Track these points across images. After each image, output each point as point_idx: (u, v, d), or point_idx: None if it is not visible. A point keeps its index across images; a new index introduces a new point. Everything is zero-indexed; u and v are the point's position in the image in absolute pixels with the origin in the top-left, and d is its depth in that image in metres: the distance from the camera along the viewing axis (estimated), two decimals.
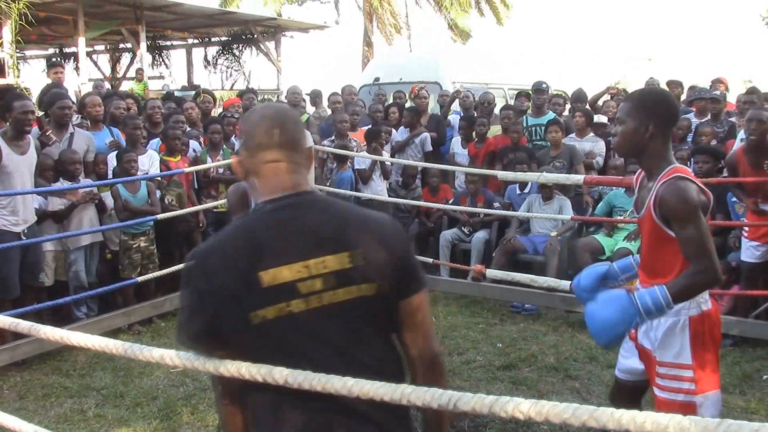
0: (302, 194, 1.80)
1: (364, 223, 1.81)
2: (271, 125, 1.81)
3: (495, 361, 5.13)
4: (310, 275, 1.69)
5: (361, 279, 1.72)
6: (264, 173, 1.81)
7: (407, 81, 10.20)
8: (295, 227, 1.74)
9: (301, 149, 1.84)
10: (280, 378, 1.53)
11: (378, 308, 1.77)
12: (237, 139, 7.52)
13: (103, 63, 19.34)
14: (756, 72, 23.59)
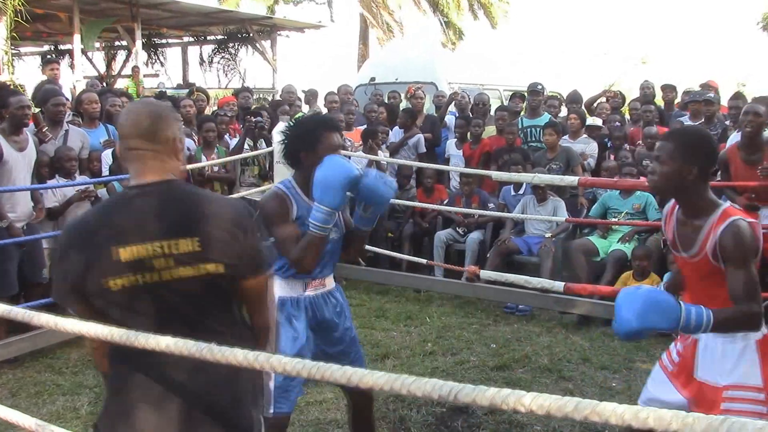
0: (162, 182, 2.04)
1: (214, 211, 2.05)
2: (135, 117, 2.06)
3: (489, 361, 5.13)
4: (163, 254, 1.95)
5: (208, 260, 1.98)
6: (129, 159, 2.06)
7: (403, 81, 10.20)
8: (151, 211, 1.99)
9: (162, 140, 2.05)
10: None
11: (222, 284, 2.05)
12: (231, 137, 7.51)
13: (98, 60, 19.29)
14: (751, 75, 23.62)
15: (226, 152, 7.09)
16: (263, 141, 7.27)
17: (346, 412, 4.22)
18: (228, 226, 2.03)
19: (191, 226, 1.99)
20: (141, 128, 2.04)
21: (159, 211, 2.00)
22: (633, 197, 6.59)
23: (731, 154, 5.45)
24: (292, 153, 3.10)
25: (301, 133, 3.08)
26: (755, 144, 5.26)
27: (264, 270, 2.15)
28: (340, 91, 9.29)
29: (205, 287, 2.02)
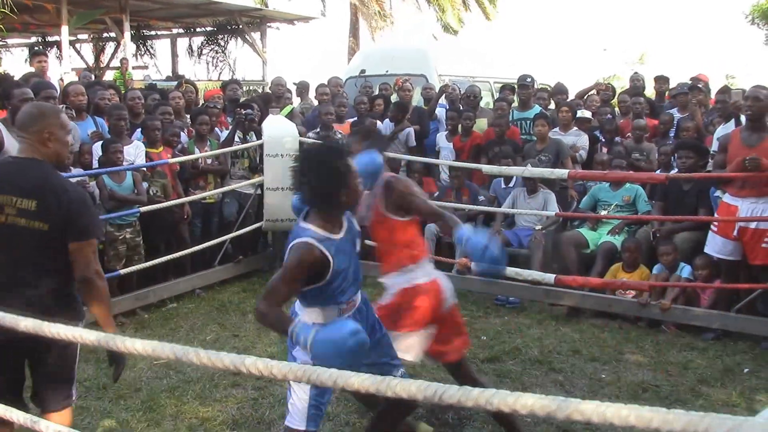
0: (26, 159, 2.95)
1: (55, 187, 2.90)
2: (21, 115, 3.05)
3: (479, 353, 5.15)
4: (10, 204, 2.86)
5: (38, 218, 2.86)
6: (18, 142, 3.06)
7: (393, 73, 10.17)
8: (12, 175, 2.92)
9: (31, 132, 2.94)
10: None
11: (50, 240, 2.89)
12: (220, 130, 7.48)
13: (86, 52, 19.19)
14: (740, 68, 23.74)
15: (217, 145, 7.07)
16: (253, 133, 7.25)
17: (336, 405, 4.24)
18: (62, 199, 2.87)
19: (34, 192, 2.87)
20: (20, 123, 3.03)
21: (17, 177, 2.91)
22: (623, 189, 6.61)
23: (734, 134, 5.49)
24: (325, 194, 2.86)
25: (332, 172, 2.83)
26: (756, 128, 5.31)
27: (83, 239, 2.93)
28: (330, 83, 9.26)
29: (35, 237, 2.87)
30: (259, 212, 7.17)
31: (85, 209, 2.96)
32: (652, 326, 5.78)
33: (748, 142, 5.30)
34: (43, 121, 2.94)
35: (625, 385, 4.64)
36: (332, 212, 2.94)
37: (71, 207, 2.88)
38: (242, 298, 6.59)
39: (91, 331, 1.72)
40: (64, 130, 3.01)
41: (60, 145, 2.98)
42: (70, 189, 2.96)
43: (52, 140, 2.94)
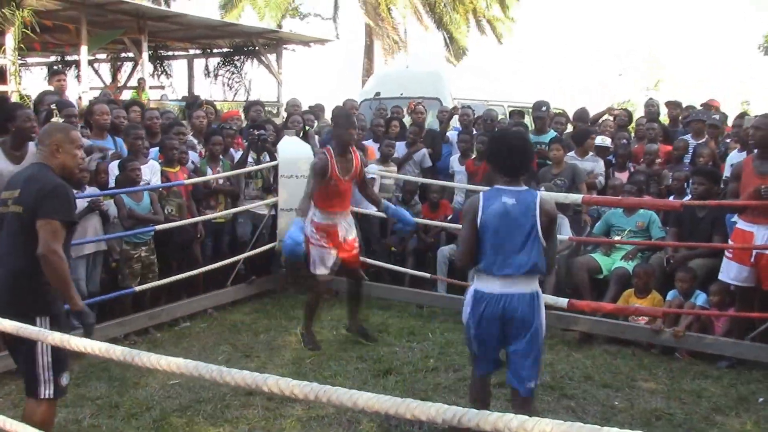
0: (35, 164, 3.61)
1: (36, 178, 3.45)
2: (41, 131, 3.79)
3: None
4: (10, 197, 3.47)
5: (18, 203, 3.43)
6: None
7: (408, 96, 10.24)
8: (20, 175, 3.59)
9: (44, 143, 3.56)
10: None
11: (24, 223, 3.40)
12: (235, 150, 7.54)
13: (104, 72, 19.38)
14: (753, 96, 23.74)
15: (230, 165, 7.11)
16: (267, 154, 7.29)
17: (347, 427, 4.23)
18: (35, 187, 3.40)
19: (21, 183, 3.48)
20: (39, 137, 3.70)
21: (20, 176, 3.58)
22: (636, 215, 6.60)
23: (746, 162, 5.50)
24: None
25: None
26: (766, 156, 5.31)
27: (43, 217, 3.35)
28: (345, 106, 9.32)
29: (17, 220, 3.42)
30: (273, 233, 7.20)
31: (52, 196, 3.38)
32: (665, 353, 5.74)
33: (761, 171, 5.31)
34: (54, 136, 3.56)
35: (638, 413, 4.60)
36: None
37: (39, 193, 3.38)
38: (254, 318, 6.60)
39: (115, 346, 1.73)
40: (72, 144, 3.57)
41: (68, 156, 3.55)
42: (45, 181, 3.44)
43: (60, 152, 3.52)
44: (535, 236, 3.59)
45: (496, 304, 3.60)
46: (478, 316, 3.67)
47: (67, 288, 3.44)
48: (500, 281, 3.61)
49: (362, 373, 5.22)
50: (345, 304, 6.16)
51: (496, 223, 3.59)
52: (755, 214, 5.37)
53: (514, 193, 3.63)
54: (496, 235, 3.60)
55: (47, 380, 3.44)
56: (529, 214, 3.59)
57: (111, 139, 6.66)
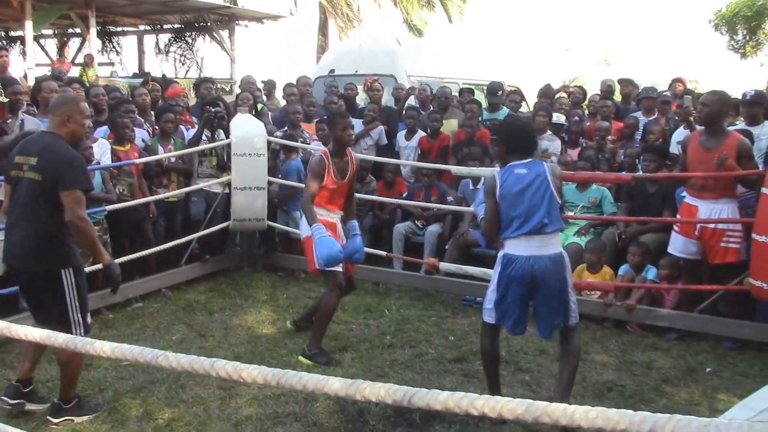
0: (47, 132, 3.97)
1: (52, 148, 3.79)
2: (52, 100, 4.22)
3: (447, 353, 5.17)
4: (25, 162, 3.81)
5: (36, 171, 3.76)
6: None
7: (363, 73, 10.18)
8: (33, 142, 3.94)
9: (56, 114, 3.92)
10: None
11: (42, 189, 3.76)
12: (186, 127, 7.41)
13: (50, 48, 18.89)
14: (703, 73, 24.16)
15: (182, 143, 6.99)
16: (221, 132, 7.19)
17: (304, 405, 4.23)
18: (53, 158, 3.75)
19: (38, 152, 3.80)
20: (50, 107, 4.13)
21: (34, 143, 3.90)
22: (589, 191, 6.69)
23: (693, 137, 5.61)
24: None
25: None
26: (711, 132, 5.41)
27: (65, 189, 3.71)
28: (299, 83, 9.22)
29: (36, 186, 3.77)
30: (227, 211, 7.12)
31: (71, 167, 3.75)
32: (617, 326, 5.85)
33: (706, 146, 5.41)
34: (64, 106, 3.94)
35: (590, 385, 4.69)
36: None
37: (60, 166, 3.73)
38: (209, 297, 6.54)
39: (59, 334, 1.69)
40: (81, 114, 3.95)
41: (77, 125, 3.94)
42: (62, 152, 3.80)
43: (70, 121, 3.90)
44: (551, 196, 3.98)
45: (526, 265, 3.94)
46: (507, 277, 4.01)
47: (95, 247, 3.92)
48: (525, 242, 3.95)
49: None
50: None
51: (513, 191, 3.98)
52: (699, 189, 5.49)
53: (525, 165, 4.06)
54: (515, 202, 3.98)
55: (77, 321, 3.92)
56: (540, 178, 4.00)
57: None
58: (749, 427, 1.17)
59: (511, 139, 4.18)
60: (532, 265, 3.93)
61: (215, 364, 1.42)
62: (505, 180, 4.03)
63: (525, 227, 3.94)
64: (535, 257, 3.94)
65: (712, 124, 5.41)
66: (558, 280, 3.99)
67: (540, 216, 3.93)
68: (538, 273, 3.94)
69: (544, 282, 3.96)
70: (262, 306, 6.27)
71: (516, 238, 3.97)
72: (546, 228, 3.94)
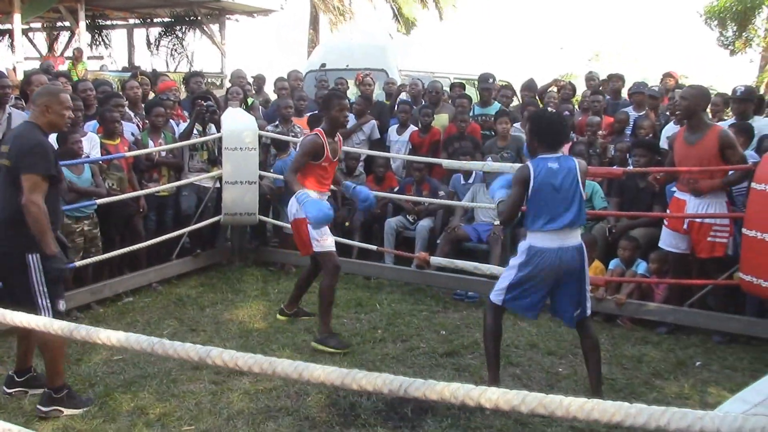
0: (25, 122, 4.07)
1: (21, 135, 3.90)
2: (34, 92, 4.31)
3: (438, 348, 5.18)
4: (3, 151, 3.90)
5: (5, 157, 3.86)
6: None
7: (354, 68, 10.16)
8: (11, 131, 4.16)
9: (36, 103, 4.00)
10: None
11: (11, 175, 3.83)
12: (175, 122, 7.38)
13: (40, 41, 18.77)
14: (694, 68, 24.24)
15: (172, 137, 6.96)
16: (212, 126, 7.16)
17: (296, 399, 4.23)
18: (19, 143, 3.84)
19: (10, 139, 3.95)
20: (32, 97, 4.29)
21: (12, 133, 4.07)
22: None
23: (678, 132, 5.64)
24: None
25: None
26: (692, 126, 5.44)
27: (24, 172, 3.77)
28: (290, 77, 9.20)
29: (7, 172, 3.85)
30: (218, 206, 7.10)
31: (31, 152, 3.80)
32: (607, 320, 5.88)
33: (689, 141, 5.44)
34: (43, 97, 3.99)
35: (581, 379, 4.70)
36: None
37: (22, 149, 3.82)
38: (200, 292, 6.52)
39: (57, 321, 1.68)
40: (60, 105, 3.97)
41: (56, 116, 3.97)
42: (29, 138, 3.87)
43: (50, 112, 3.94)
44: (579, 192, 4.13)
45: (554, 257, 4.10)
46: (531, 268, 4.16)
47: (43, 234, 3.80)
48: (553, 236, 4.09)
49: (309, 345, 5.21)
50: (295, 285, 5.90)
51: (546, 185, 4.09)
52: (687, 184, 5.52)
53: (556, 159, 4.17)
54: (548, 198, 4.09)
55: (44, 307, 3.89)
56: (571, 174, 4.12)
57: None
58: (744, 420, 1.18)
59: (543, 131, 4.25)
60: (561, 257, 4.10)
61: (211, 352, 1.42)
62: (540, 173, 4.12)
63: (556, 223, 4.08)
64: (563, 249, 4.10)
65: (691, 118, 5.44)
66: (581, 269, 4.18)
67: (572, 215, 4.09)
68: (565, 264, 4.11)
69: (571, 272, 4.14)
70: (253, 300, 6.26)
71: (545, 232, 4.10)
72: (574, 224, 4.13)
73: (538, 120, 4.41)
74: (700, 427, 1.11)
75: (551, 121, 4.32)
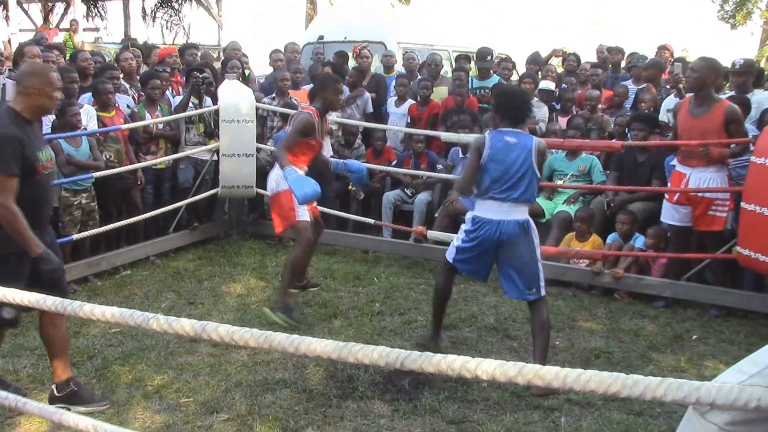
0: (5, 108, 3.64)
1: None
2: (19, 69, 3.91)
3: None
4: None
5: None
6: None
7: (351, 40, 10.07)
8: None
9: (23, 84, 3.56)
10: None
11: None
12: (175, 93, 7.33)
13: (34, 13, 18.61)
14: (694, 41, 24.11)
15: (168, 110, 6.91)
16: (208, 98, 7.11)
17: (294, 372, 4.24)
18: None
19: None
20: (18, 76, 3.75)
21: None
22: (578, 160, 6.68)
23: (683, 104, 5.59)
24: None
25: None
26: (700, 98, 5.40)
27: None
28: (287, 49, 9.11)
29: None
30: (216, 178, 7.07)
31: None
32: (605, 294, 5.89)
33: (694, 114, 5.40)
34: (35, 79, 3.55)
35: (578, 352, 4.72)
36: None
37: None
38: (198, 265, 6.52)
39: (48, 297, 1.67)
40: (51, 86, 3.58)
41: (46, 99, 3.58)
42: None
43: (42, 95, 3.55)
44: (531, 171, 4.17)
45: (494, 228, 4.18)
46: (474, 237, 4.27)
47: (19, 235, 3.43)
48: (496, 208, 4.18)
49: (308, 318, 5.22)
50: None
51: (499, 157, 4.16)
52: (689, 157, 5.49)
53: (516, 134, 4.23)
54: (498, 168, 4.16)
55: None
56: (526, 151, 4.17)
57: None
58: (740, 391, 1.18)
59: (505, 106, 4.32)
60: (501, 229, 4.18)
61: (207, 326, 1.41)
62: (494, 145, 4.19)
63: (502, 195, 4.16)
64: (504, 222, 4.17)
65: (701, 90, 5.39)
66: (527, 245, 4.22)
67: (518, 192, 4.15)
68: (505, 236, 4.18)
69: (512, 244, 4.20)
70: (251, 273, 6.26)
71: (489, 200, 4.20)
72: (519, 200, 4.17)
73: (502, 95, 4.58)
74: (696, 397, 1.12)
75: (515, 97, 4.43)
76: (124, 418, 3.74)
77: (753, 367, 1.40)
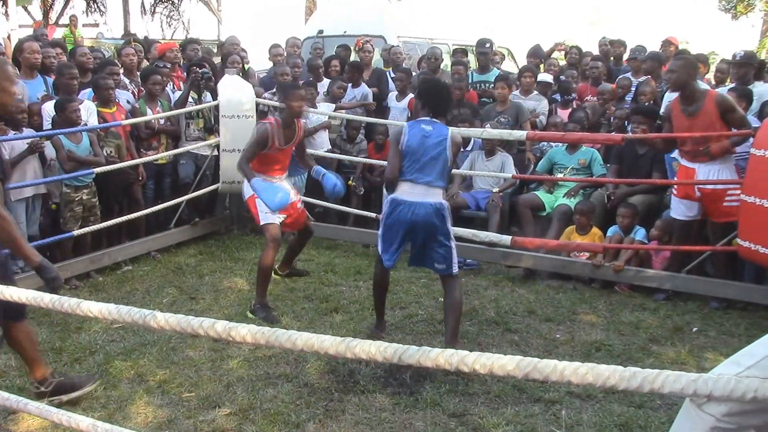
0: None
1: None
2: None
3: (437, 315, 5.20)
4: None
5: None
6: None
7: (351, 34, 10.06)
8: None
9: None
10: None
11: None
12: (176, 88, 7.32)
13: (34, 9, 18.59)
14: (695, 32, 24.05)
15: (168, 105, 6.91)
16: (208, 93, 7.11)
17: (295, 366, 4.26)
18: None
19: None
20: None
21: None
22: (579, 153, 6.68)
23: (674, 104, 5.57)
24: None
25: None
26: (687, 96, 5.38)
27: None
28: (287, 44, 9.09)
29: None
30: (216, 174, 7.08)
31: None
32: (605, 287, 5.90)
33: (688, 113, 5.39)
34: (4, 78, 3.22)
35: (578, 345, 4.73)
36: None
37: None
38: (199, 260, 6.53)
39: (44, 294, 1.68)
40: (9, 81, 3.26)
41: (5, 95, 3.25)
42: None
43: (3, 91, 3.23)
44: (444, 158, 4.40)
45: (408, 209, 4.39)
46: (391, 218, 4.47)
47: (16, 246, 3.19)
48: (411, 191, 4.40)
49: (309, 313, 5.24)
50: (288, 247, 6.03)
51: (415, 144, 4.39)
52: (693, 155, 5.47)
53: (431, 123, 4.46)
54: (414, 154, 4.39)
55: None
56: (440, 139, 4.40)
57: (41, 78, 6.41)
58: (737, 382, 1.18)
59: (426, 96, 4.53)
60: (414, 211, 4.37)
61: (204, 323, 1.42)
62: (411, 133, 4.42)
63: (417, 179, 4.38)
64: (418, 203, 4.37)
65: (684, 89, 5.39)
66: (439, 226, 4.41)
67: (431, 177, 4.39)
68: (418, 218, 4.38)
69: (425, 227, 4.40)
70: (252, 268, 6.26)
71: (405, 182, 4.41)
72: (432, 184, 4.39)
73: (426, 86, 4.74)
74: (693, 389, 1.12)
75: (437, 90, 4.61)
76: (127, 413, 3.75)
77: (749, 359, 1.41)
